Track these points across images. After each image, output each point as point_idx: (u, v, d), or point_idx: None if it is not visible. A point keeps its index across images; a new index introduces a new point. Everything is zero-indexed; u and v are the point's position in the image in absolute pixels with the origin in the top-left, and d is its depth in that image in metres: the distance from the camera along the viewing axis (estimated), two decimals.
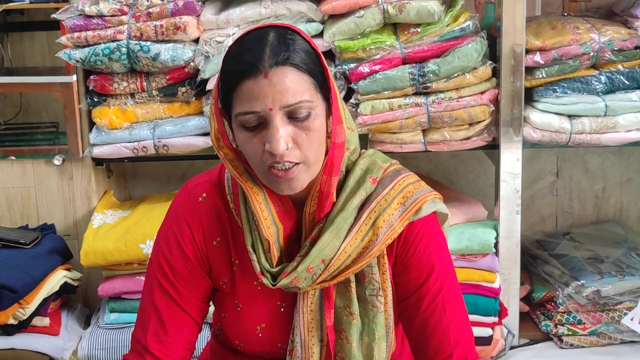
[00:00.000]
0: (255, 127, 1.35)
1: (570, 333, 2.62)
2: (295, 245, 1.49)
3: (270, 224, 1.43)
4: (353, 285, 1.49)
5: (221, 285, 1.55)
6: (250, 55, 1.33)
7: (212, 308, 1.73)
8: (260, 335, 1.54)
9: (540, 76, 2.51)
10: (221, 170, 1.55)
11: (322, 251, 1.43)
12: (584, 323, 2.61)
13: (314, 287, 1.46)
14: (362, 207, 1.46)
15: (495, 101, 2.51)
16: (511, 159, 2.53)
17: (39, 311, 2.46)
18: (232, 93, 1.35)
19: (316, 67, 1.37)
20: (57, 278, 2.53)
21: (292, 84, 1.32)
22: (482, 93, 2.49)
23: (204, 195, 1.52)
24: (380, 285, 1.48)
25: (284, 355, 1.55)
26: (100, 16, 2.48)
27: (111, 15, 2.48)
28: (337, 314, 1.50)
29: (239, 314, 1.54)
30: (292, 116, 1.34)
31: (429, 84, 2.45)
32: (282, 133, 1.33)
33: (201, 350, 1.83)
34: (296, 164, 1.36)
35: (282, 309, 1.53)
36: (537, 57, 2.48)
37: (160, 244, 1.54)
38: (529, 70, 2.51)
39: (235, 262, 1.52)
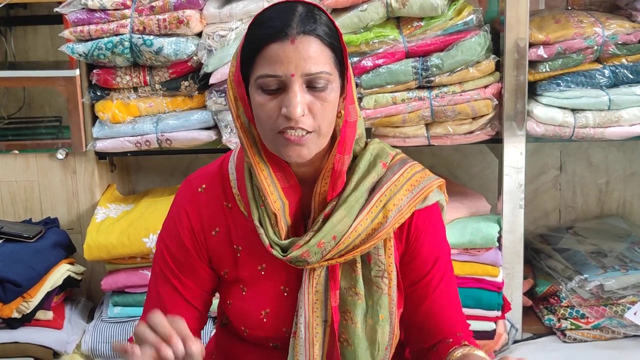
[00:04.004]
0: (274, 92, 1.39)
1: (573, 327, 2.62)
2: (301, 222, 1.53)
3: (276, 198, 1.47)
4: (359, 265, 1.52)
5: (223, 275, 1.57)
6: (279, 21, 1.37)
7: (216, 301, 1.74)
8: (265, 320, 1.56)
9: (544, 70, 2.50)
10: (224, 161, 1.59)
11: (334, 228, 1.47)
12: (587, 317, 2.61)
13: (321, 264, 1.49)
14: (372, 190, 1.51)
15: (499, 95, 2.51)
16: (514, 153, 2.53)
17: (43, 305, 2.46)
18: (256, 56, 1.38)
19: (337, 43, 1.41)
20: (61, 272, 2.54)
21: (315, 54, 1.37)
22: (485, 87, 2.49)
23: (203, 186, 1.56)
24: (386, 267, 1.53)
25: (289, 338, 1.56)
26: (103, 10, 2.48)
27: (114, 9, 2.48)
28: (342, 295, 1.53)
29: (244, 299, 1.56)
30: (311, 85, 1.38)
31: (432, 78, 2.45)
32: (300, 99, 1.37)
33: (206, 343, 1.84)
34: (308, 132, 1.39)
35: (285, 294, 1.55)
36: (541, 51, 2.47)
37: (162, 234, 1.59)
38: (533, 64, 2.51)
39: (238, 249, 1.55)
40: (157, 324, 1.25)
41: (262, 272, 1.54)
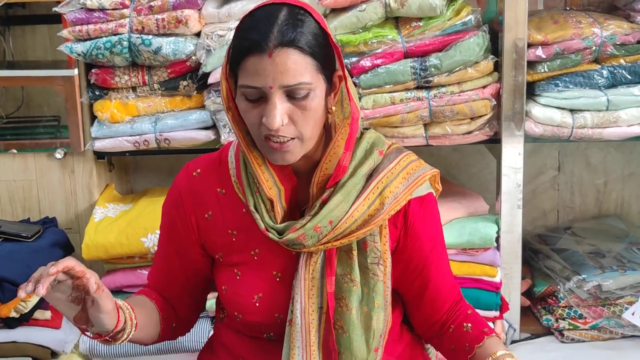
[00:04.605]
0: (256, 100, 1.43)
1: (571, 327, 2.62)
2: (296, 209, 1.57)
3: (271, 185, 1.51)
4: (355, 253, 1.56)
5: (218, 259, 1.63)
6: (258, 33, 1.39)
7: (212, 300, 1.76)
8: (257, 304, 1.58)
9: (542, 70, 2.50)
10: (223, 149, 1.64)
11: (331, 212, 1.51)
12: (585, 317, 2.62)
13: (317, 248, 1.53)
14: (370, 177, 1.55)
15: (497, 95, 2.51)
16: (513, 153, 2.53)
17: (41, 304, 2.46)
18: (238, 65, 1.42)
19: (322, 49, 1.43)
20: None
21: (293, 66, 1.39)
22: (484, 87, 2.49)
23: (198, 170, 1.63)
24: (381, 254, 1.56)
25: (282, 326, 1.59)
26: (102, 9, 2.48)
27: (113, 9, 2.48)
28: (338, 282, 1.56)
29: (238, 284, 1.60)
30: (291, 95, 1.41)
31: (430, 78, 2.45)
32: (279, 110, 1.40)
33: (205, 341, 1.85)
34: (291, 138, 1.44)
35: (277, 279, 1.58)
36: (539, 52, 2.47)
37: (162, 211, 1.69)
38: (531, 64, 2.51)
39: (233, 233, 1.59)
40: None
41: (255, 257, 1.58)
